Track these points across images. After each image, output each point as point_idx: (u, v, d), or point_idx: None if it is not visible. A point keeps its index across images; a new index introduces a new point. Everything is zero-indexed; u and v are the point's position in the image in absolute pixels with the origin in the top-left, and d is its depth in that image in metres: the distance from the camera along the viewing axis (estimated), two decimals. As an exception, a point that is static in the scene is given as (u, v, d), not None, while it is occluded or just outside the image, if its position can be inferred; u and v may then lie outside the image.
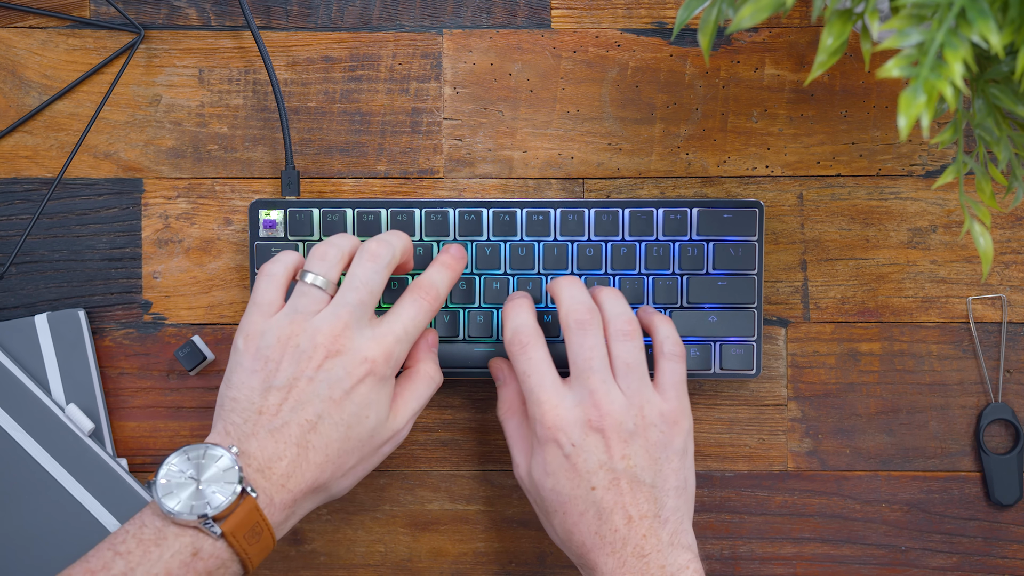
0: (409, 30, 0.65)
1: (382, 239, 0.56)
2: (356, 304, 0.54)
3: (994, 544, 0.65)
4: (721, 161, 0.65)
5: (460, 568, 0.66)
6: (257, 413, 0.53)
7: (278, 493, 0.51)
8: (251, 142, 0.65)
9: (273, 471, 0.52)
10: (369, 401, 0.54)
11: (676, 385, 0.56)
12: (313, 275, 0.55)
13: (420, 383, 0.58)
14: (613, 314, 0.57)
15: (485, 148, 0.65)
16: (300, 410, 0.53)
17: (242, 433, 0.52)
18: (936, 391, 0.65)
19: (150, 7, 0.65)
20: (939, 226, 0.65)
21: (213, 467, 0.51)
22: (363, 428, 0.54)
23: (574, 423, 0.54)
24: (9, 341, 0.63)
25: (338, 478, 0.54)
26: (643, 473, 0.54)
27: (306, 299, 0.55)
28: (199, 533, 0.50)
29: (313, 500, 0.54)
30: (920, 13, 0.41)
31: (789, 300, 0.65)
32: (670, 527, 0.54)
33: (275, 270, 0.56)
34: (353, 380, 0.53)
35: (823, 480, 0.65)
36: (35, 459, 0.62)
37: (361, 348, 0.54)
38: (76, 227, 0.65)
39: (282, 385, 0.53)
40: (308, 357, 0.53)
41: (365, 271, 0.55)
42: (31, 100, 0.65)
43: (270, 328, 0.54)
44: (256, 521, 0.51)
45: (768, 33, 0.64)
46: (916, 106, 0.40)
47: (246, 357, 0.54)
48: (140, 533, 0.50)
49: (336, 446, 0.53)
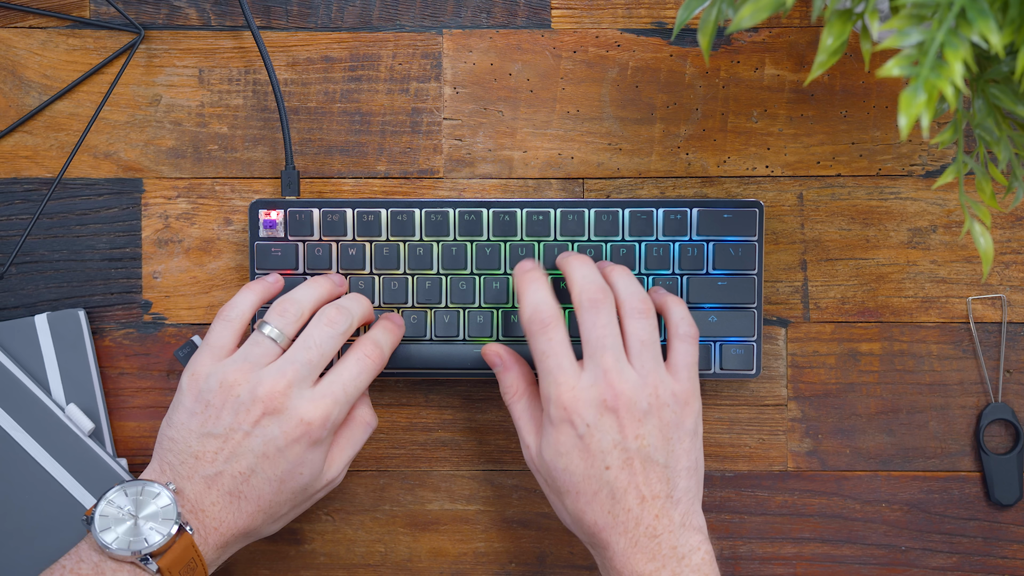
0: (409, 30, 0.65)
1: (342, 306, 0.57)
2: (304, 363, 0.55)
3: (994, 544, 0.65)
4: (721, 161, 0.65)
5: (460, 568, 0.66)
6: (193, 458, 0.54)
7: (211, 535, 0.53)
8: (251, 142, 0.65)
9: (207, 515, 0.53)
10: (303, 460, 0.55)
11: (689, 366, 0.56)
12: (270, 327, 0.56)
13: (356, 430, 0.58)
14: (627, 292, 0.57)
15: (485, 148, 0.65)
16: (234, 462, 0.54)
17: (178, 474, 0.54)
18: (936, 391, 0.65)
19: (150, 7, 0.65)
20: (939, 226, 0.65)
21: (151, 504, 0.52)
22: (296, 483, 0.55)
23: (588, 403, 0.54)
24: (9, 341, 0.63)
25: (269, 524, 0.56)
26: (656, 453, 0.54)
27: (258, 349, 0.55)
28: (136, 569, 0.51)
29: (244, 541, 0.56)
30: (920, 13, 0.41)
31: (789, 300, 0.65)
32: (682, 508, 0.54)
33: (231, 315, 0.57)
34: (288, 440, 0.54)
35: (823, 480, 0.65)
36: (35, 459, 0.62)
37: (299, 409, 0.54)
38: (76, 227, 0.65)
39: (219, 433, 0.54)
40: (246, 410, 0.54)
41: (321, 334, 0.56)
42: (31, 100, 0.65)
43: (215, 372, 0.55)
44: (191, 556, 0.52)
45: (768, 33, 0.64)
46: (916, 106, 0.40)
47: (188, 397, 0.55)
48: (78, 568, 0.51)
49: (269, 498, 0.54)
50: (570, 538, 0.65)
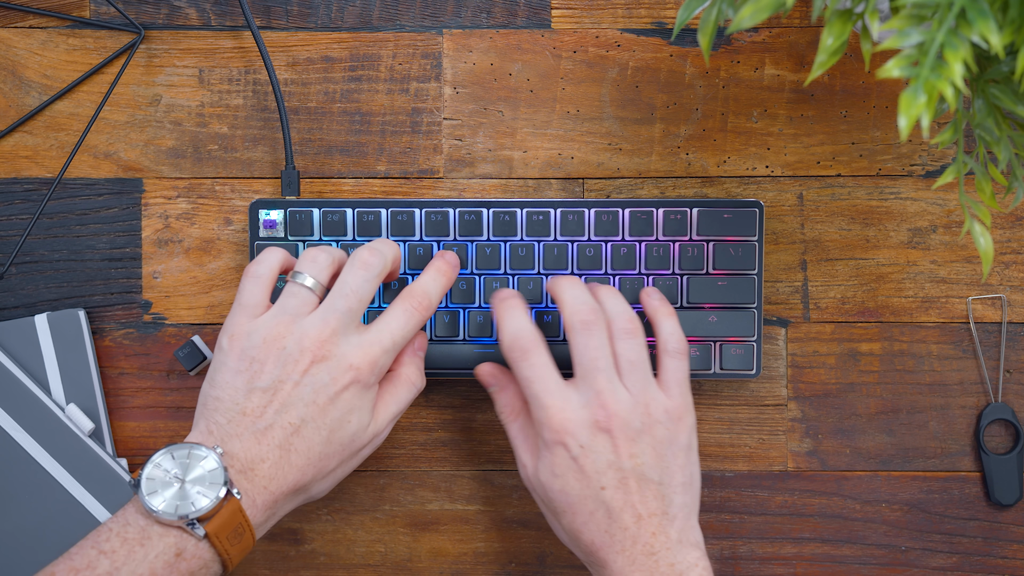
0: (409, 30, 0.65)
1: (373, 248, 0.57)
2: (344, 311, 0.54)
3: (994, 544, 0.65)
4: (721, 161, 0.65)
5: (460, 568, 0.66)
6: (241, 414, 0.53)
7: (260, 495, 0.52)
8: (251, 142, 0.65)
9: (256, 473, 0.52)
10: (352, 407, 0.54)
11: (680, 382, 0.57)
12: (304, 275, 0.55)
13: (402, 388, 0.58)
14: (615, 312, 0.57)
15: (485, 148, 0.65)
16: (284, 413, 0.53)
17: (225, 433, 0.53)
18: (936, 391, 0.65)
19: (150, 7, 0.65)
20: (939, 226, 0.65)
21: (198, 467, 0.51)
22: (345, 433, 0.54)
23: (581, 425, 0.54)
24: (9, 341, 0.63)
25: (318, 480, 0.55)
26: (651, 471, 0.54)
27: (295, 300, 0.55)
28: (183, 533, 0.50)
29: (293, 501, 0.55)
30: (920, 13, 0.41)
31: (789, 300, 0.65)
32: (678, 524, 0.54)
33: (260, 271, 0.56)
34: (338, 386, 0.53)
35: (823, 480, 0.65)
36: (35, 459, 0.62)
37: (347, 355, 0.54)
38: (76, 227, 0.65)
39: (267, 387, 0.53)
40: (294, 361, 0.53)
41: (356, 279, 0.55)
42: (31, 100, 0.65)
43: (256, 328, 0.54)
44: (239, 522, 0.51)
45: (768, 33, 0.64)
46: (916, 106, 0.40)
47: (231, 357, 0.54)
48: (124, 532, 0.50)
49: (318, 450, 0.54)
50: (570, 538, 0.66)
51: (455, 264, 0.60)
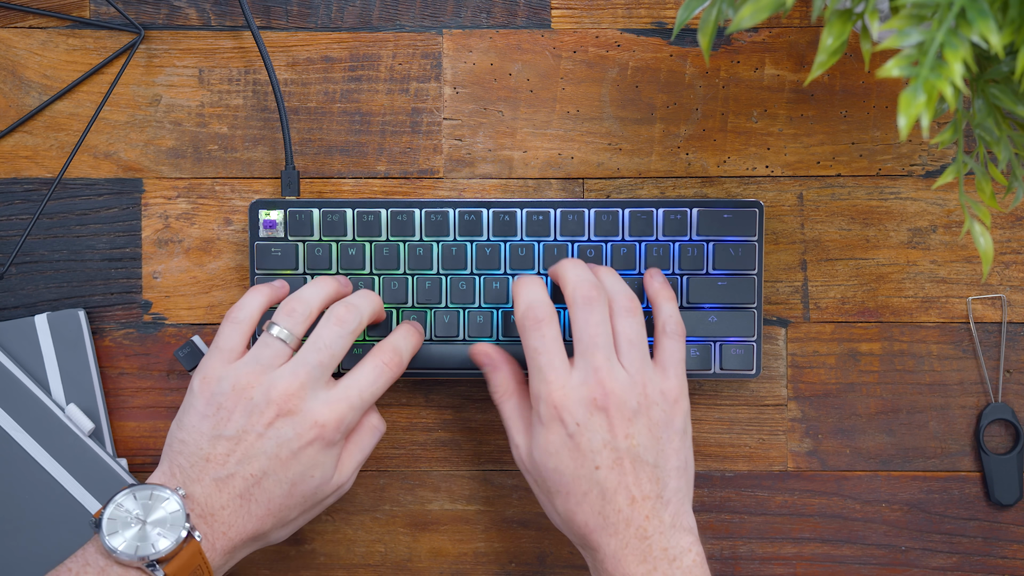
0: (409, 30, 0.65)
1: (351, 304, 0.57)
2: (315, 365, 0.55)
3: (994, 544, 0.65)
4: (721, 161, 0.65)
5: (460, 568, 0.66)
6: (204, 460, 0.53)
7: (219, 540, 0.53)
8: (251, 142, 0.65)
9: (216, 519, 0.53)
10: (315, 463, 0.54)
11: (676, 364, 0.57)
12: (279, 328, 0.56)
13: (365, 435, 0.58)
14: (615, 291, 0.57)
15: (485, 148, 0.65)
16: (246, 464, 0.53)
17: (188, 477, 0.53)
18: (936, 391, 0.65)
19: (150, 7, 0.65)
20: (939, 226, 0.65)
21: (160, 509, 0.52)
22: (307, 486, 0.55)
23: (578, 402, 0.54)
24: (9, 341, 0.63)
25: (278, 528, 0.55)
26: (646, 453, 0.54)
27: (268, 351, 0.55)
28: (142, 574, 0.51)
29: (252, 546, 0.55)
30: (920, 13, 0.41)
31: (789, 300, 0.65)
32: (672, 508, 0.54)
33: (240, 316, 0.57)
34: (302, 442, 0.54)
35: (823, 480, 0.65)
36: (35, 459, 0.62)
37: (313, 411, 0.54)
38: (76, 227, 0.65)
39: (231, 436, 0.54)
40: (260, 412, 0.54)
41: (330, 334, 0.55)
42: (31, 100, 0.65)
43: (227, 375, 0.55)
44: (198, 564, 0.52)
45: (768, 33, 0.64)
46: (916, 106, 0.40)
47: (200, 400, 0.55)
48: (84, 572, 0.51)
49: (279, 501, 0.54)
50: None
51: (422, 332, 0.61)
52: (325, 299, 0.58)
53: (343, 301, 0.57)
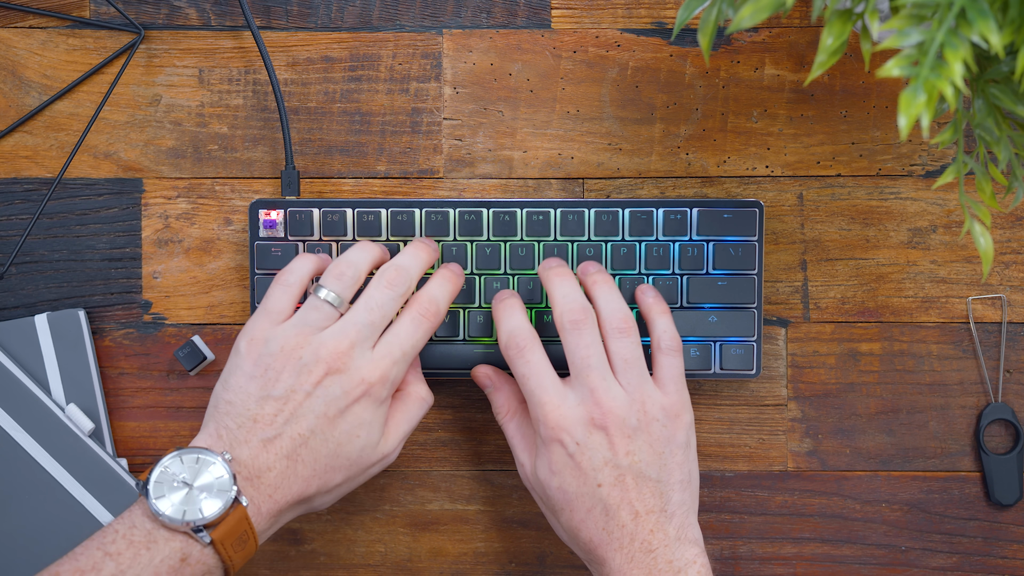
0: (409, 30, 0.65)
1: (401, 267, 0.56)
2: (366, 324, 0.55)
3: (994, 544, 0.65)
4: (721, 161, 0.65)
5: (460, 568, 0.66)
6: (252, 420, 0.53)
7: (265, 503, 0.52)
8: (251, 142, 0.65)
9: (262, 481, 0.52)
10: (362, 421, 0.54)
11: (675, 379, 0.57)
12: (327, 291, 0.55)
13: (413, 405, 0.58)
14: (608, 311, 0.57)
15: (485, 148, 0.65)
16: (294, 423, 0.53)
17: (234, 439, 0.53)
18: (936, 391, 0.65)
19: (150, 7, 0.65)
20: (939, 226, 0.65)
21: (206, 473, 0.51)
22: (353, 447, 0.54)
23: (577, 422, 0.54)
24: (9, 341, 0.63)
25: (323, 493, 0.55)
26: (648, 468, 0.54)
27: (316, 314, 0.55)
28: (188, 539, 0.50)
29: (296, 511, 0.55)
30: (920, 13, 0.41)
31: (789, 300, 0.65)
32: (676, 521, 0.54)
33: (291, 280, 0.57)
34: (349, 400, 0.54)
35: (823, 480, 0.65)
36: (35, 459, 0.62)
37: (360, 369, 0.54)
38: (76, 227, 0.65)
39: (279, 396, 0.53)
40: (309, 371, 0.53)
41: (383, 296, 0.55)
42: (31, 100, 0.65)
43: (275, 336, 0.54)
44: (244, 529, 0.51)
45: (768, 33, 0.64)
46: (916, 106, 0.40)
47: (247, 361, 0.54)
48: (130, 534, 0.50)
49: (324, 462, 0.54)
50: (570, 538, 0.66)
51: (460, 273, 0.60)
52: (372, 263, 0.58)
53: (393, 264, 0.57)
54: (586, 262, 0.61)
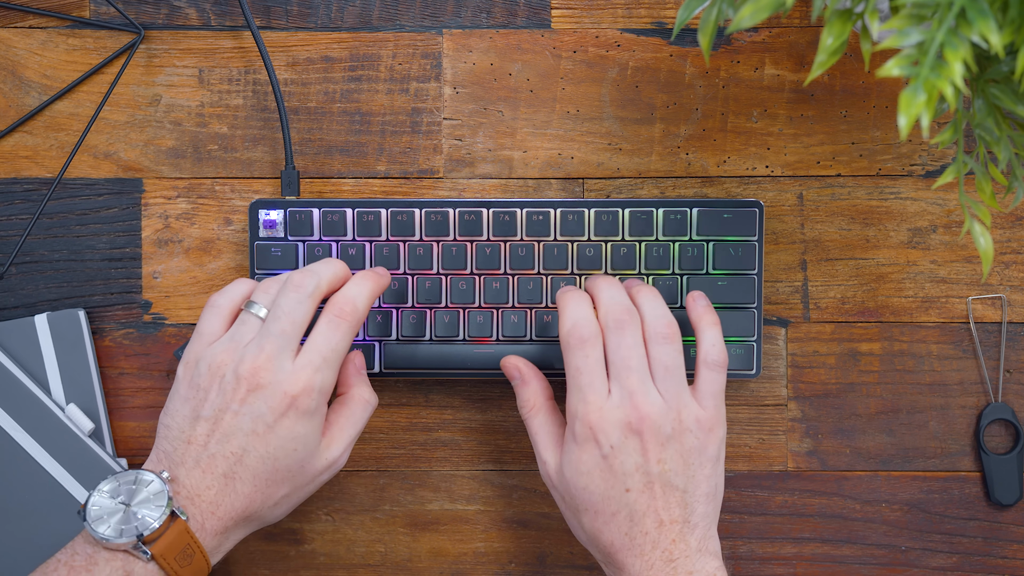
0: (409, 30, 0.65)
1: (308, 269, 0.56)
2: (278, 334, 0.54)
3: (994, 544, 0.65)
4: (721, 161, 0.65)
5: (460, 568, 0.66)
6: (186, 443, 0.53)
7: (209, 520, 0.52)
8: (251, 142, 0.65)
9: (202, 499, 0.53)
10: (295, 435, 0.54)
11: (715, 394, 0.56)
12: (257, 305, 0.56)
13: (356, 408, 0.58)
14: (652, 316, 0.56)
15: (485, 148, 0.65)
16: (226, 443, 0.53)
17: (172, 461, 0.53)
18: (936, 391, 0.65)
19: (150, 7, 0.65)
20: (939, 226, 0.65)
21: (143, 491, 0.52)
22: (291, 460, 0.54)
23: (614, 424, 0.54)
24: (9, 341, 0.63)
25: (269, 507, 0.55)
26: (676, 478, 0.54)
27: (244, 327, 0.55)
28: (129, 556, 0.51)
29: (246, 527, 0.55)
30: (920, 13, 0.41)
31: (789, 300, 0.65)
32: (699, 533, 0.54)
33: (221, 301, 0.57)
34: (275, 415, 0.53)
35: (823, 480, 0.65)
36: (35, 459, 0.62)
37: (282, 382, 0.53)
38: (76, 227, 0.65)
39: (209, 416, 0.54)
40: (232, 390, 0.53)
41: (288, 301, 0.55)
42: (31, 100, 0.65)
43: (204, 357, 0.55)
44: (187, 543, 0.51)
45: (768, 33, 0.64)
46: (916, 106, 0.40)
47: (182, 385, 0.55)
48: (71, 561, 0.51)
49: (264, 478, 0.54)
50: (570, 538, 0.66)
51: (383, 271, 0.59)
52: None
53: (300, 269, 0.56)
54: (631, 279, 0.60)
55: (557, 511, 0.65)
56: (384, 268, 0.60)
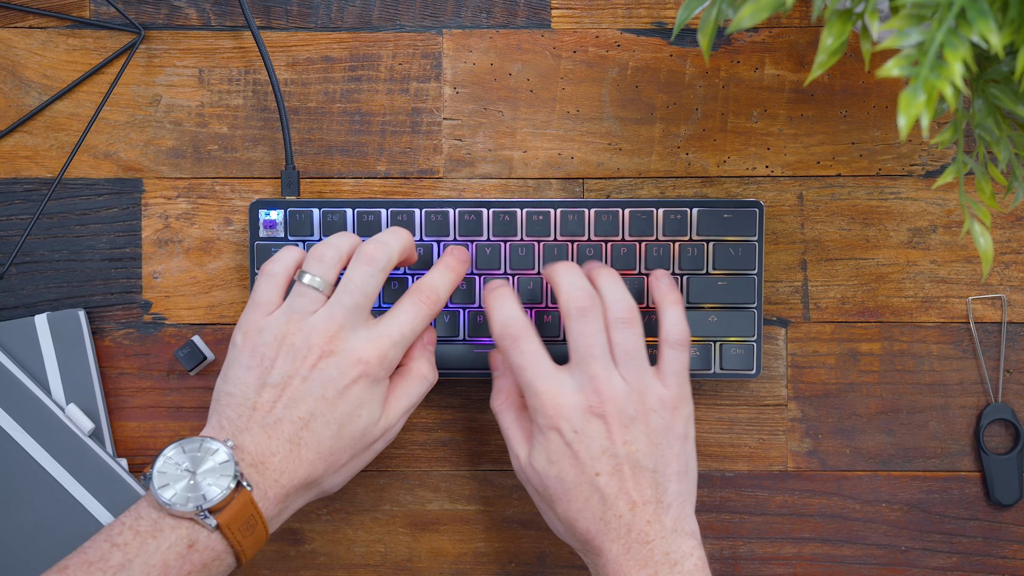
0: (409, 30, 0.65)
1: (379, 241, 0.57)
2: (351, 306, 0.55)
3: (994, 544, 0.65)
4: (721, 161, 0.65)
5: (460, 568, 0.66)
6: (251, 409, 0.53)
7: (271, 487, 0.52)
8: (251, 142, 0.65)
9: (267, 466, 0.52)
10: (362, 401, 0.54)
11: (678, 372, 0.56)
12: (310, 276, 0.55)
13: (413, 381, 0.58)
14: (612, 300, 0.57)
15: (485, 148, 0.65)
16: (293, 407, 0.53)
17: (236, 428, 0.53)
18: (936, 391, 0.65)
19: (150, 7, 0.65)
20: (939, 226, 0.65)
21: (209, 460, 0.51)
22: (355, 427, 0.55)
23: (575, 409, 0.54)
24: (9, 341, 0.63)
25: (330, 474, 0.55)
26: (645, 459, 0.54)
27: (303, 299, 0.55)
28: (195, 525, 0.50)
29: (306, 495, 0.55)
30: (920, 13, 0.41)
31: (789, 300, 0.65)
32: (673, 513, 0.54)
33: (276, 269, 0.57)
34: (346, 380, 0.54)
35: (823, 480, 0.65)
36: (35, 459, 0.62)
37: (355, 349, 0.54)
38: (76, 227, 0.65)
39: (277, 382, 0.54)
40: (303, 356, 0.54)
41: (360, 274, 0.55)
42: (31, 100, 0.65)
43: (267, 326, 0.55)
44: (251, 514, 0.51)
45: (768, 33, 0.64)
46: (916, 106, 0.40)
47: (243, 353, 0.55)
48: (136, 525, 0.50)
49: (328, 443, 0.54)
50: (570, 538, 0.66)
51: (465, 259, 0.60)
52: (354, 244, 0.58)
53: (371, 239, 0.57)
54: (590, 261, 0.61)
55: (557, 511, 0.65)
56: (464, 251, 0.61)
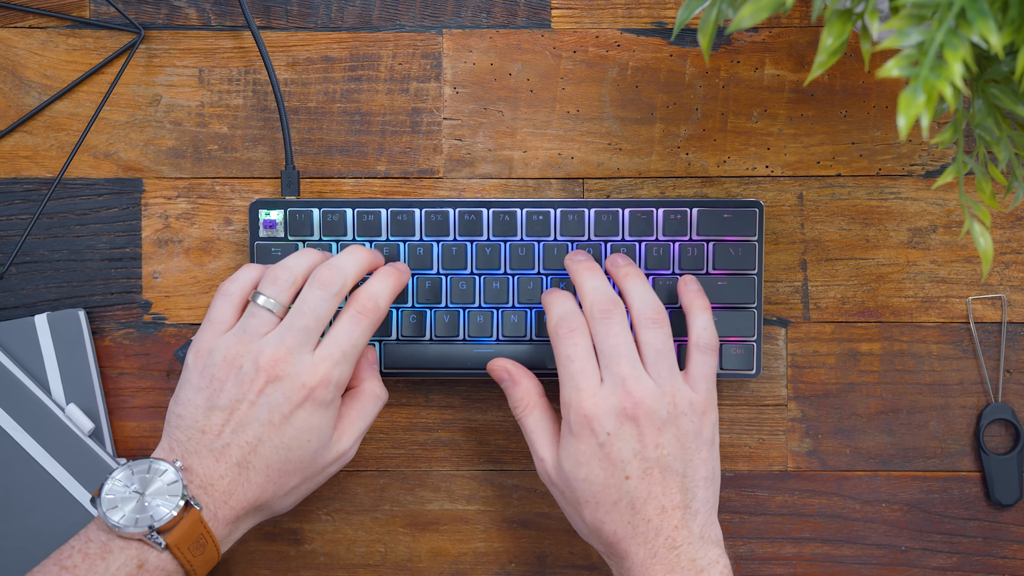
0: (409, 30, 0.65)
1: (334, 265, 0.56)
2: (300, 329, 0.55)
3: (994, 544, 0.65)
4: (721, 161, 0.65)
5: (460, 568, 0.66)
6: (200, 432, 0.54)
7: (221, 509, 0.53)
8: (251, 142, 0.65)
9: (215, 488, 0.53)
10: (309, 426, 0.54)
11: (706, 378, 0.56)
12: (264, 297, 0.56)
13: (367, 402, 0.58)
14: (640, 302, 0.57)
15: (485, 148, 0.65)
16: (241, 432, 0.54)
17: (186, 450, 0.53)
18: (936, 391, 0.65)
19: (150, 7, 0.65)
20: (939, 226, 0.65)
21: (157, 481, 0.52)
22: (304, 451, 0.55)
23: (608, 412, 0.54)
24: (9, 341, 0.63)
25: (280, 497, 0.55)
26: (675, 463, 0.54)
27: (255, 320, 0.55)
28: (144, 545, 0.51)
29: (255, 517, 0.55)
30: (920, 13, 0.41)
31: (789, 300, 0.65)
32: (700, 519, 0.54)
33: (232, 289, 0.57)
34: (292, 406, 0.54)
35: (823, 480, 0.65)
36: (35, 459, 0.62)
37: (300, 374, 0.54)
38: (76, 227, 0.65)
39: (225, 406, 0.54)
40: (250, 380, 0.54)
41: (314, 298, 0.55)
42: (31, 100, 0.65)
43: (218, 347, 0.55)
44: (200, 533, 0.52)
45: (768, 33, 0.64)
46: (916, 106, 0.40)
47: (194, 374, 0.55)
48: (86, 548, 0.51)
49: (277, 468, 0.54)
50: (570, 538, 0.66)
51: (404, 268, 0.60)
52: (310, 266, 0.57)
53: (326, 263, 0.57)
54: (614, 255, 0.61)
55: (557, 511, 0.65)
56: (405, 264, 0.61)
